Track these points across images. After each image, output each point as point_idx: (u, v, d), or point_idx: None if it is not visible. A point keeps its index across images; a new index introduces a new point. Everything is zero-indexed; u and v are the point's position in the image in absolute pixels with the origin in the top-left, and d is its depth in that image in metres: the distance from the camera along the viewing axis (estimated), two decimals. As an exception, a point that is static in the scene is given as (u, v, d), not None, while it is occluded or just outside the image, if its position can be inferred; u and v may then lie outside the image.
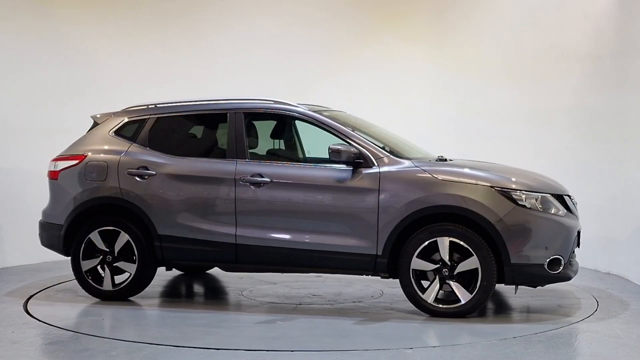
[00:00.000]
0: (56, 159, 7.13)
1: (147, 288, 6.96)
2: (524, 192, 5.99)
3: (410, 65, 10.50)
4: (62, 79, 9.31)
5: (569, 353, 5.20)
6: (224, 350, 5.15)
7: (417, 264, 6.03)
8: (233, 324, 5.98)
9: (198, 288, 7.76)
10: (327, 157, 6.26)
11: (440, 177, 6.05)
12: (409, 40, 10.57)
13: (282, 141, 7.20)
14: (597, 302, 6.68)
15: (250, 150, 6.61)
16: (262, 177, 6.36)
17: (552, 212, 6.05)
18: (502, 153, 8.78)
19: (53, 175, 7.07)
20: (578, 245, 6.28)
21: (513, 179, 6.13)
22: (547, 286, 6.56)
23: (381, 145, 6.40)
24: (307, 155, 7.38)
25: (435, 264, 6.00)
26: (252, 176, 6.38)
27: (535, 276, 5.97)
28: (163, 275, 7.90)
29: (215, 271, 8.16)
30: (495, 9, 9.84)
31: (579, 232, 6.25)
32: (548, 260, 5.93)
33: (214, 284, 7.86)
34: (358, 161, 6.18)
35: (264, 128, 7.04)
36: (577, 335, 5.64)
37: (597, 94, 8.46)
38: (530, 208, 5.95)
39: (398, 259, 6.09)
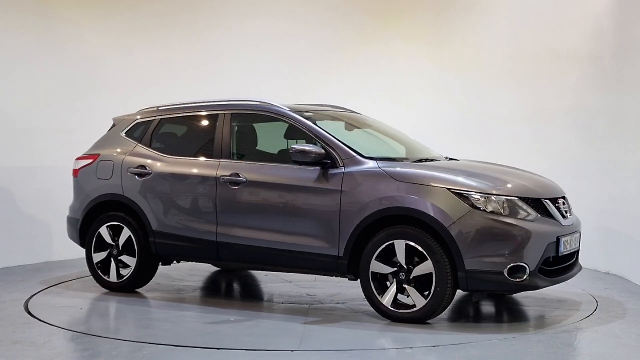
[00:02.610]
0: (78, 158, 7.56)
1: (169, 284, 7.20)
2: (484, 194, 5.71)
3: (411, 65, 10.52)
4: (62, 79, 9.30)
5: (569, 353, 5.21)
6: (224, 350, 5.17)
7: (375, 266, 5.90)
8: (186, 320, 6.12)
9: (210, 285, 7.78)
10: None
11: (399, 178, 5.90)
12: (409, 39, 10.58)
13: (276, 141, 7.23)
14: (597, 302, 6.69)
15: (239, 151, 6.76)
16: (239, 176, 6.47)
17: (519, 216, 5.73)
18: (501, 153, 8.79)
19: (75, 173, 7.54)
20: (557, 252, 5.86)
21: (476, 181, 5.84)
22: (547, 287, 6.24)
23: (355, 146, 6.30)
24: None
25: (395, 267, 5.86)
26: (230, 175, 6.51)
27: (494, 284, 5.64)
28: (185, 270, 8.10)
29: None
30: (495, 9, 9.85)
31: (559, 238, 5.87)
32: (508, 267, 5.58)
33: (233, 282, 7.95)
34: (325, 161, 6.16)
35: (259, 128, 7.09)
36: (576, 335, 5.65)
37: (596, 94, 8.46)
38: (491, 212, 5.65)
39: (359, 261, 6.02)
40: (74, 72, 9.39)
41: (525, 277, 5.64)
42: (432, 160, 6.66)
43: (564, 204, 6.19)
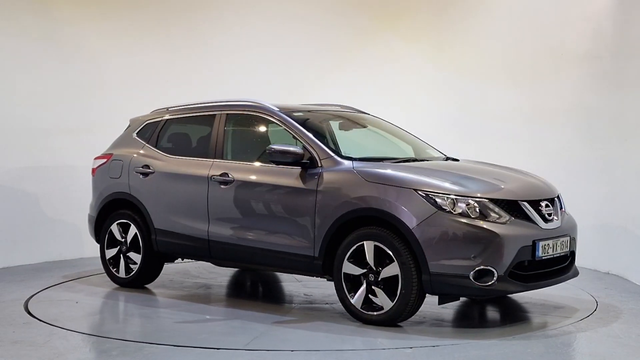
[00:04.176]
0: (96, 157, 7.83)
1: (181, 281, 7.46)
2: (450, 196, 5.58)
3: (410, 65, 10.53)
4: (62, 81, 9.29)
5: (569, 353, 5.22)
6: (224, 350, 5.17)
7: (347, 267, 5.86)
8: (164, 316, 6.26)
9: (220, 284, 7.80)
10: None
11: (369, 179, 5.83)
12: (409, 40, 10.59)
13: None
14: (597, 302, 6.69)
15: (231, 151, 6.84)
16: (228, 176, 6.56)
17: (489, 219, 5.54)
18: (501, 153, 8.81)
19: (93, 172, 7.83)
20: (533, 257, 5.62)
21: (446, 183, 5.71)
22: (520, 292, 5.96)
23: (334, 147, 6.34)
24: None
25: (366, 268, 5.80)
26: (220, 175, 6.61)
27: (459, 287, 5.49)
28: (207, 268, 8.27)
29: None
30: (495, 9, 9.85)
31: (535, 242, 5.64)
32: (475, 271, 5.43)
33: (247, 281, 7.99)
34: (304, 162, 6.15)
35: (254, 129, 7.10)
36: (576, 335, 5.65)
37: (596, 94, 8.47)
38: (459, 214, 5.52)
39: (333, 262, 6.00)
40: (74, 74, 9.38)
41: (492, 281, 5.47)
42: (423, 160, 6.61)
43: (547, 206, 5.92)
